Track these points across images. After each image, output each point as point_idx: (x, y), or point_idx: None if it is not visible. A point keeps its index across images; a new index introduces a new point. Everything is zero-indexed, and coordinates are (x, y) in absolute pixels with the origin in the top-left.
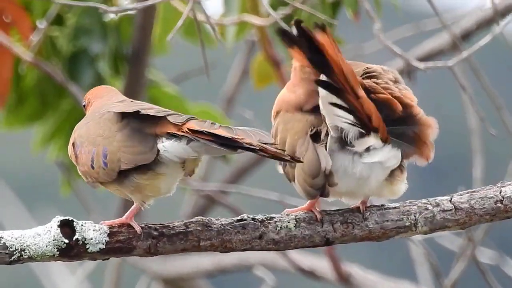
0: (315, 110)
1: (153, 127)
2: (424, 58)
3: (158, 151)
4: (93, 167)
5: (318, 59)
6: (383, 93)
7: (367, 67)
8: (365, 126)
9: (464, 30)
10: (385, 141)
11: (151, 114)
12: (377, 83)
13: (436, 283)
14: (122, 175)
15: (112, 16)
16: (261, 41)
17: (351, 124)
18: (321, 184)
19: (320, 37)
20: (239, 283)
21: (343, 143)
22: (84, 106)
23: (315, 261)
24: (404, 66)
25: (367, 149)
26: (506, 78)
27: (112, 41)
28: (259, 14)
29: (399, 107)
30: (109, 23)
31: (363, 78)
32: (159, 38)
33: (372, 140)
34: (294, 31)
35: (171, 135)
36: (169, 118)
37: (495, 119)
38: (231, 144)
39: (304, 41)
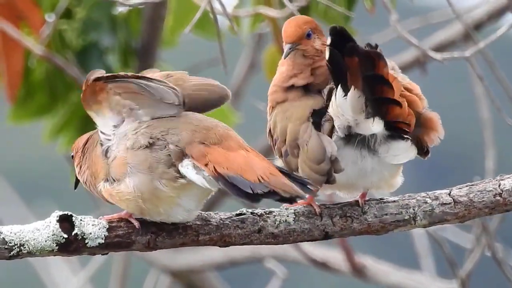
0: (309, 89)
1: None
2: (435, 50)
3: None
4: None
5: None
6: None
7: None
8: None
9: (476, 21)
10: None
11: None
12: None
13: (444, 275)
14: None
15: (122, 9)
16: (273, 33)
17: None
18: (326, 169)
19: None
20: (249, 276)
21: (352, 138)
22: (72, 157)
23: (328, 252)
24: (419, 57)
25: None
26: None
27: (121, 35)
28: (272, 6)
29: (421, 108)
30: (118, 17)
31: None
32: (171, 30)
33: (404, 145)
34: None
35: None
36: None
37: (508, 111)
38: (252, 197)
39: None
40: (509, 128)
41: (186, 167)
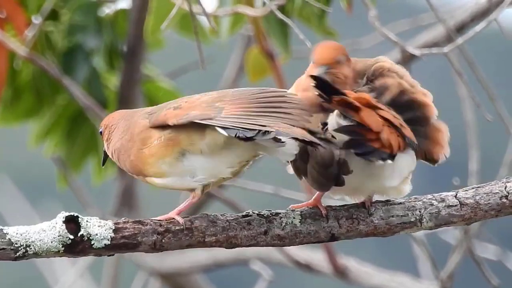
0: (325, 110)
1: None
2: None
3: None
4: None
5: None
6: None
7: (380, 63)
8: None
9: (459, 22)
10: (402, 150)
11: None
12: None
13: (434, 276)
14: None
15: (108, 9)
16: (255, 34)
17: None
18: (335, 173)
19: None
20: (236, 278)
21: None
22: (100, 132)
23: (311, 254)
24: (400, 57)
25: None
26: (501, 71)
27: (107, 36)
28: (253, 6)
29: (433, 113)
30: (104, 19)
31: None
32: (152, 30)
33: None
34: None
35: None
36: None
37: (489, 111)
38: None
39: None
40: (492, 129)
41: None
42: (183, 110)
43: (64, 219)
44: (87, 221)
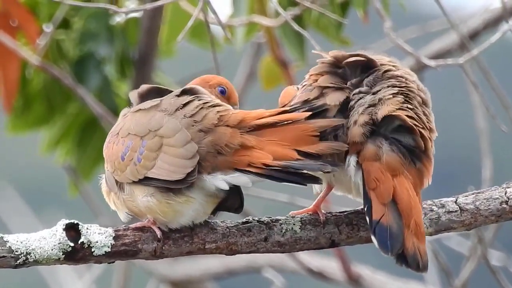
0: None
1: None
2: (432, 58)
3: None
4: (123, 159)
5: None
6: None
7: (406, 82)
8: None
9: (472, 30)
10: None
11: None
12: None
13: (444, 284)
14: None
15: (120, 18)
16: (269, 42)
17: None
18: None
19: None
20: (248, 285)
21: None
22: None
23: (324, 262)
24: (414, 65)
25: None
26: None
27: (118, 45)
28: (266, 15)
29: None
30: (115, 27)
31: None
32: (166, 40)
33: None
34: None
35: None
36: None
37: (503, 119)
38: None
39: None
40: (505, 137)
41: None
42: None
43: (64, 227)
44: (87, 228)
